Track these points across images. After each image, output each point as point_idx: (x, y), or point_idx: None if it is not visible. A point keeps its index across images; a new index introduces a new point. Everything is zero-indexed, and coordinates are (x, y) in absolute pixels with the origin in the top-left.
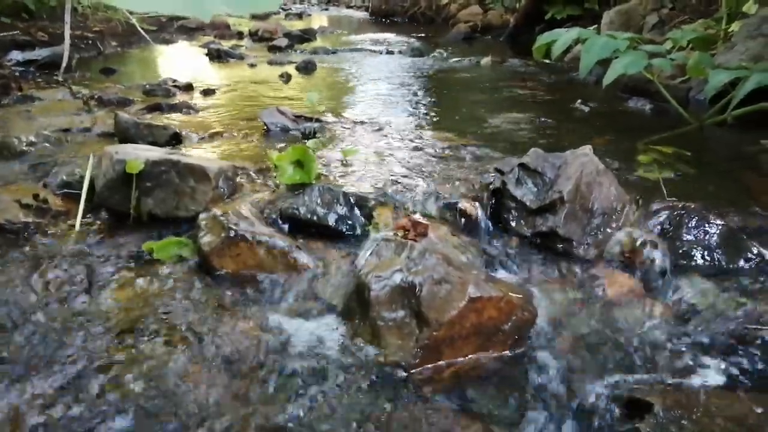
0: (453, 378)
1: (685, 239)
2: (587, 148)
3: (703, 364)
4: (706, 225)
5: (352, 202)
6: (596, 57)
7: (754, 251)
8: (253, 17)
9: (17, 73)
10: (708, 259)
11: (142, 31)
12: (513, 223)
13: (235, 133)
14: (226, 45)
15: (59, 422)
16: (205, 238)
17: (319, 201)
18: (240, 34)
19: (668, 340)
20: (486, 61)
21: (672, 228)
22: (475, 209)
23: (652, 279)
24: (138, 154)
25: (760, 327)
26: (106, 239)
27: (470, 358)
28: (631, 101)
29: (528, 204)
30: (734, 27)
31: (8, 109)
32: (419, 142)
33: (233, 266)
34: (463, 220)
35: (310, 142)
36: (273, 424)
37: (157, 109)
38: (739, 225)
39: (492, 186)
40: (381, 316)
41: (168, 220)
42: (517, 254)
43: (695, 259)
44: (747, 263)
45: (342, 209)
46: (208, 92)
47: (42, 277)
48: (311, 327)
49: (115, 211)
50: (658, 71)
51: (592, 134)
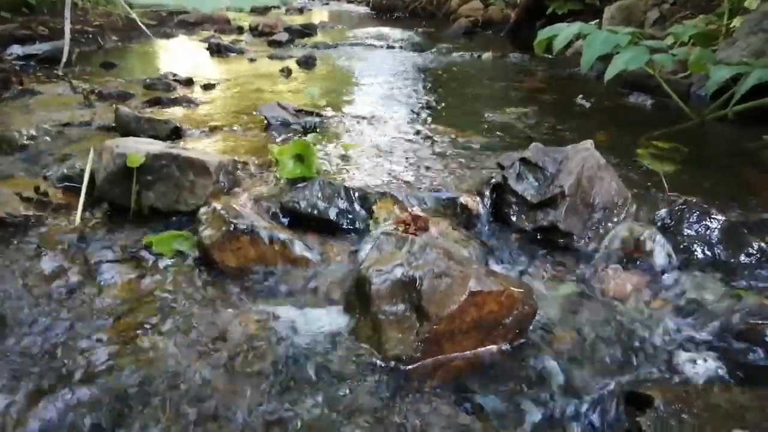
0: (453, 372)
1: (686, 234)
2: (588, 143)
3: (704, 358)
4: (707, 220)
5: (352, 196)
6: (597, 52)
7: (754, 246)
8: (252, 11)
9: (18, 68)
10: (709, 253)
11: (142, 26)
12: (514, 218)
13: (236, 128)
14: (227, 40)
15: (52, 414)
16: (206, 232)
17: (319, 195)
18: (240, 29)
19: (669, 334)
20: (487, 55)
21: (673, 222)
22: (476, 204)
23: (653, 273)
24: (139, 148)
25: (761, 321)
26: (107, 233)
27: (471, 352)
28: (632, 96)
29: (529, 198)
30: (735, 22)
31: (9, 103)
32: (420, 137)
33: (234, 260)
34: (464, 215)
35: (311, 137)
36: (272, 417)
37: (158, 103)
38: (740, 219)
39: (493, 180)
40: (381, 310)
41: (168, 213)
42: (517, 249)
43: (696, 253)
44: (748, 258)
45: (343, 203)
46: (208, 86)
47: (42, 271)
48: (312, 320)
49: (115, 205)
50: (659, 67)
51: (593, 129)
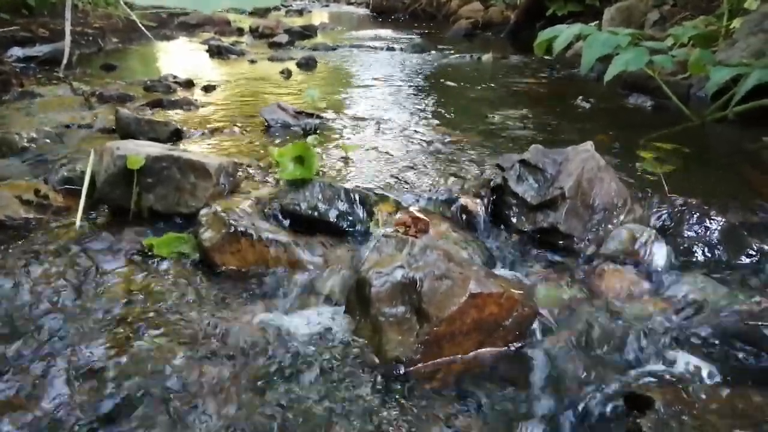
0: (453, 373)
1: (686, 235)
2: (588, 145)
3: (704, 359)
4: (707, 221)
5: (352, 198)
6: (597, 53)
7: (754, 247)
8: (253, 14)
9: (18, 70)
10: (709, 254)
11: (142, 28)
12: (514, 219)
13: (236, 130)
14: (227, 41)
15: (52, 414)
16: (206, 234)
17: (320, 197)
18: (240, 31)
19: (669, 335)
20: (487, 57)
21: (673, 224)
22: (476, 205)
23: (653, 274)
24: (139, 150)
25: (760, 322)
26: (107, 235)
27: (471, 354)
28: (632, 98)
29: (529, 200)
30: (735, 23)
31: (9, 105)
32: (420, 139)
33: (234, 262)
34: (464, 217)
35: (311, 138)
36: (273, 419)
37: (158, 105)
38: (740, 221)
39: (493, 182)
40: (382, 312)
41: (169, 215)
42: (517, 250)
43: (696, 254)
44: (748, 259)
45: (343, 205)
46: (208, 88)
47: (43, 273)
48: (312, 322)
49: (115, 207)
50: (659, 68)
51: (593, 130)
